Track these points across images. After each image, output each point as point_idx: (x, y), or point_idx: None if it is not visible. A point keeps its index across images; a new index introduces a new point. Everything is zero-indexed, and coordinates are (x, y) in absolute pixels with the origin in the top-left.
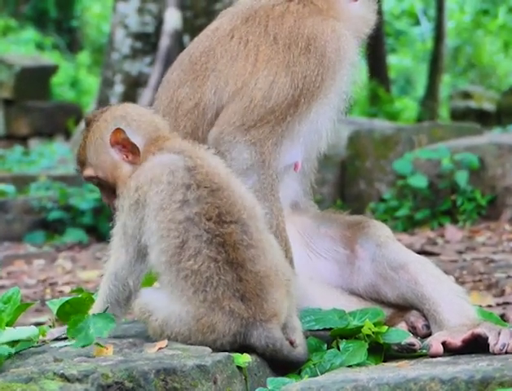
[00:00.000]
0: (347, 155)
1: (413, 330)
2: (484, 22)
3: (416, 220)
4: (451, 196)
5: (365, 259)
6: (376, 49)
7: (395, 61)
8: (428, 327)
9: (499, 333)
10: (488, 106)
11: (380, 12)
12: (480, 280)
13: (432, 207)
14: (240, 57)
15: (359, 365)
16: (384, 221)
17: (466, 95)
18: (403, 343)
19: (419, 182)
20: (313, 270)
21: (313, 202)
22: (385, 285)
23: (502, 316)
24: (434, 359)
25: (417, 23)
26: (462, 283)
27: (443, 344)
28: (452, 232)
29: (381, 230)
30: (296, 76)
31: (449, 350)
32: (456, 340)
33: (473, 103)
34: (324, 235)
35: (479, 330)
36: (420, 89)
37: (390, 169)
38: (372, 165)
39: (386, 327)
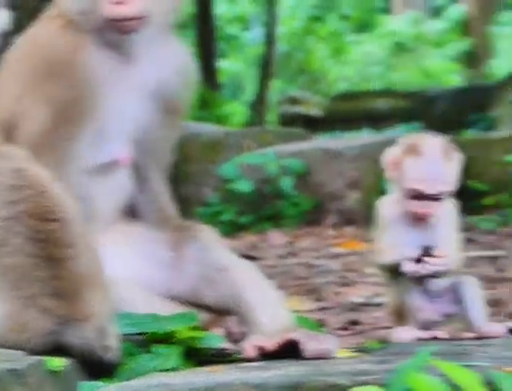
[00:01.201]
0: (175, 159)
1: (230, 335)
2: (315, 28)
3: (240, 224)
4: (275, 201)
5: (191, 262)
6: (207, 53)
7: (226, 65)
8: (245, 333)
9: (312, 338)
10: (317, 111)
11: (211, 17)
12: (301, 285)
13: (257, 212)
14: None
15: (173, 369)
16: (209, 225)
17: (295, 101)
18: (218, 348)
19: (244, 186)
20: (137, 273)
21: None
22: (207, 288)
23: (321, 321)
24: (247, 364)
25: (249, 28)
26: (283, 288)
27: (258, 348)
28: (276, 237)
29: (207, 234)
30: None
31: (263, 355)
32: (271, 345)
33: (301, 109)
34: (151, 238)
35: (293, 335)
36: (250, 93)
37: (216, 173)
38: (199, 169)
39: (202, 332)
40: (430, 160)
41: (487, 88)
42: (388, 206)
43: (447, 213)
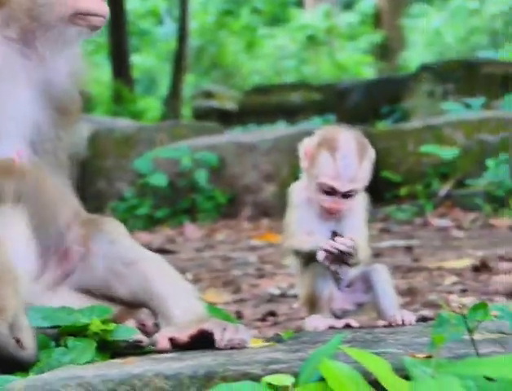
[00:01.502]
0: (87, 154)
1: (143, 327)
2: (227, 22)
3: (156, 218)
4: (191, 195)
5: (98, 256)
6: (119, 48)
7: (139, 61)
8: (157, 324)
9: (225, 329)
10: (230, 105)
11: (123, 12)
12: (217, 277)
13: (172, 205)
14: None
15: (87, 362)
16: (124, 219)
17: (209, 95)
18: (130, 340)
19: (159, 180)
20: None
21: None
22: (116, 281)
23: (238, 313)
24: (161, 355)
25: (161, 22)
26: (200, 281)
27: (171, 339)
28: (192, 230)
29: (114, 228)
30: None
31: (176, 346)
32: (183, 336)
33: (215, 103)
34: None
35: (206, 326)
36: (164, 88)
37: (131, 168)
38: (112, 164)
39: (115, 325)
40: (344, 158)
41: (399, 80)
42: (300, 192)
43: (357, 206)
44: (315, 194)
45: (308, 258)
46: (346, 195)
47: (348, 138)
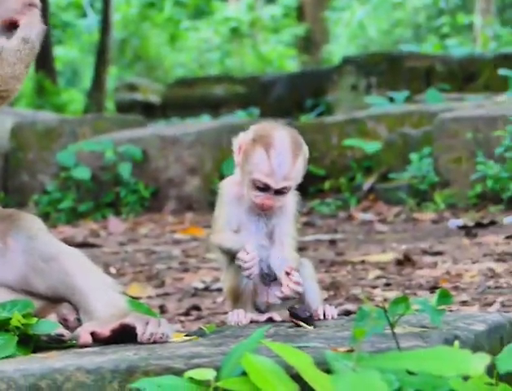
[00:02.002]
0: (10, 147)
1: (65, 322)
2: (151, 14)
3: (79, 212)
4: (114, 188)
5: (17, 251)
6: (42, 41)
7: (62, 53)
8: (80, 319)
9: (147, 323)
10: (154, 98)
11: (46, 4)
12: (141, 271)
13: (96, 199)
14: None
15: (8, 357)
16: (47, 213)
17: (132, 88)
18: (52, 334)
19: (82, 173)
20: None
21: None
22: (36, 277)
23: (162, 307)
24: (83, 350)
25: (84, 15)
26: (123, 275)
27: (92, 334)
28: (115, 224)
29: (32, 223)
30: None
31: (98, 340)
32: (105, 330)
33: (139, 96)
34: None
35: (128, 320)
36: (87, 81)
37: (54, 161)
38: (35, 157)
39: (36, 319)
40: (279, 155)
41: (322, 73)
42: (230, 187)
43: (288, 204)
44: (247, 189)
45: (231, 257)
46: (279, 192)
47: (283, 135)
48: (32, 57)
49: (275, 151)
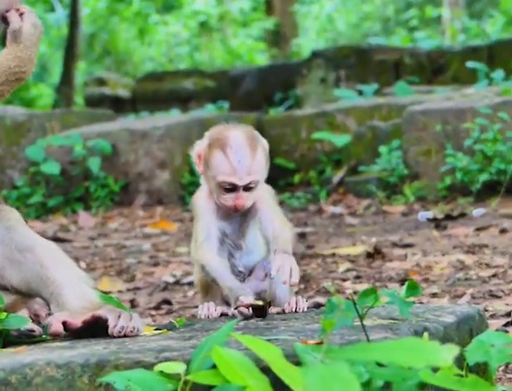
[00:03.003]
0: None
1: (36, 318)
2: (120, 9)
3: (49, 207)
4: (84, 183)
5: None
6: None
7: None
8: (51, 314)
9: (119, 316)
10: (123, 93)
11: None
12: (111, 266)
13: (65, 194)
14: None
15: None
16: (17, 208)
17: (102, 82)
18: (22, 329)
19: (52, 168)
20: None
21: None
22: (11, 268)
23: (133, 301)
24: (53, 344)
25: (52, 9)
26: (94, 269)
27: (64, 323)
28: (85, 219)
29: (10, 214)
30: None
31: (69, 330)
32: (77, 321)
33: (108, 90)
34: None
35: (100, 312)
36: (56, 76)
37: (23, 156)
38: (3, 152)
39: (6, 314)
40: (236, 152)
41: (292, 66)
42: (202, 201)
43: (264, 196)
44: (216, 195)
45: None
46: (247, 189)
47: (236, 133)
48: (39, 42)
49: (232, 150)
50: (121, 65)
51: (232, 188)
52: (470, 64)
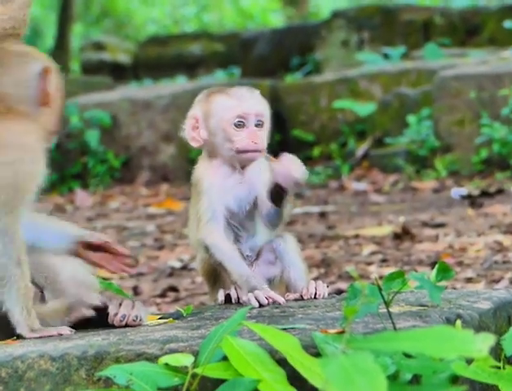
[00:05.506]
0: None
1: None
2: None
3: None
4: (81, 158)
5: None
6: None
7: None
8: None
9: (120, 304)
10: (124, 58)
11: None
12: None
13: (61, 170)
14: None
15: None
16: None
17: (100, 46)
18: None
19: None
20: None
21: None
22: None
23: (135, 288)
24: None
25: None
26: None
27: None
28: (83, 197)
29: None
30: None
31: (69, 322)
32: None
33: (107, 55)
34: None
35: (100, 300)
36: (49, 40)
37: None
38: None
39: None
40: (237, 91)
41: (310, 28)
42: (205, 172)
43: (261, 171)
44: (226, 145)
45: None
46: (258, 125)
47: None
48: (31, 4)
49: (232, 90)
50: (121, 28)
51: (242, 124)
52: (508, 24)
